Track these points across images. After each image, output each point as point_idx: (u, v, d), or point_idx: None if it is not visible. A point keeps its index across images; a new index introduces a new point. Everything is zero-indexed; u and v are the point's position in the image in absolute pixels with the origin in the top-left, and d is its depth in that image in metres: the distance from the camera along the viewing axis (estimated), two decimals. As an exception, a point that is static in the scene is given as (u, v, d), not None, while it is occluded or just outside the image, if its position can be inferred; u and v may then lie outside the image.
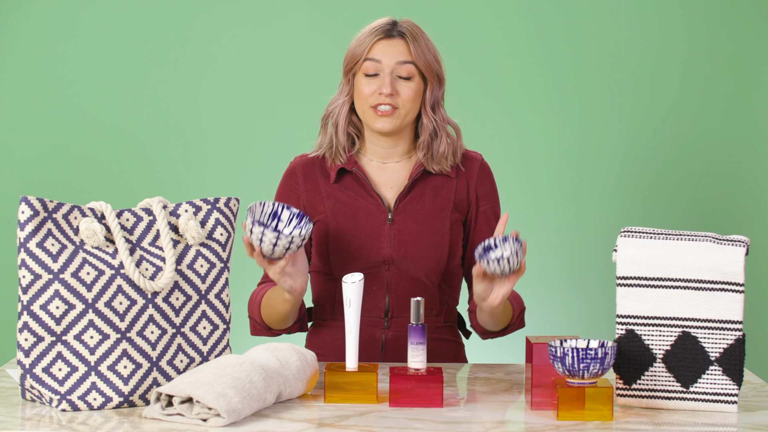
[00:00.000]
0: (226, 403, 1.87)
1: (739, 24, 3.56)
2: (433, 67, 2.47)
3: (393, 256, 2.46)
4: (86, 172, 3.62)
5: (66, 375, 1.96)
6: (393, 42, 2.45)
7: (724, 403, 2.00)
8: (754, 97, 3.57)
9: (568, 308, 3.61)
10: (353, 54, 2.46)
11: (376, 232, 2.47)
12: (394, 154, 2.52)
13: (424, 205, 2.48)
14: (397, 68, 2.44)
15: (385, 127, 2.44)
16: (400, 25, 2.47)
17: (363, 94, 2.44)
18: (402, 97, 2.44)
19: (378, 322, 2.48)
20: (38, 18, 3.61)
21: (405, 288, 2.47)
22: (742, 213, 3.58)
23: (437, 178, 2.51)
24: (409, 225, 2.47)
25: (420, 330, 2.07)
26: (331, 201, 2.49)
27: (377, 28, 2.46)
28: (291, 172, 2.53)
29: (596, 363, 1.91)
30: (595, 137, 3.60)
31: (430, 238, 2.47)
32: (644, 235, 2.03)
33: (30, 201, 1.96)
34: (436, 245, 2.47)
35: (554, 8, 3.59)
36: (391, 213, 2.48)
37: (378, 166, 2.52)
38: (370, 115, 2.44)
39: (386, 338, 2.48)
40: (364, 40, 2.45)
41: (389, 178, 2.51)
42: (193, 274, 2.07)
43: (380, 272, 2.47)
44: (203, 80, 3.63)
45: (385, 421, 1.92)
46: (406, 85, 2.44)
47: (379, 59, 2.43)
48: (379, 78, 2.43)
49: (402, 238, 2.46)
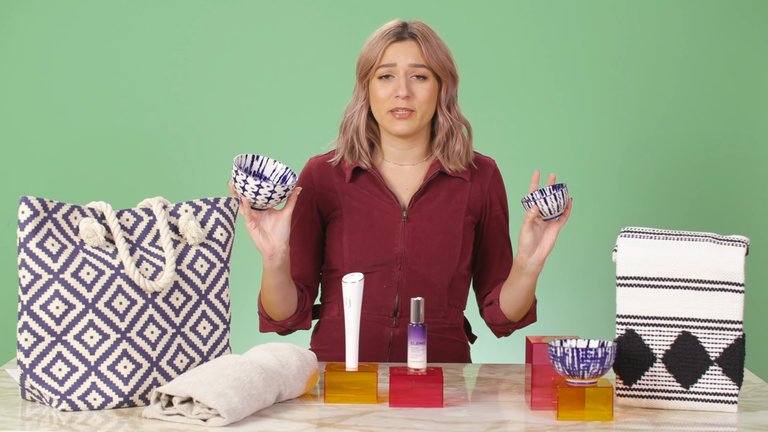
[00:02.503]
0: (226, 403, 1.87)
1: (739, 24, 3.56)
2: (447, 66, 2.49)
3: (407, 253, 2.48)
4: (86, 172, 3.62)
5: (66, 375, 1.96)
6: (405, 44, 2.46)
7: (724, 403, 2.00)
8: (754, 97, 3.57)
9: (568, 308, 3.61)
10: (366, 59, 2.48)
11: (391, 230, 2.49)
12: (410, 157, 2.54)
13: (438, 205, 2.51)
14: (411, 70, 2.46)
15: (403, 129, 2.46)
16: (411, 27, 2.48)
17: (379, 98, 2.46)
18: (418, 99, 2.45)
19: (387, 320, 2.49)
20: (38, 18, 3.61)
21: (415, 288, 2.48)
22: (742, 213, 3.58)
23: (452, 180, 2.53)
24: (423, 223, 2.49)
25: (420, 330, 2.07)
26: (346, 198, 2.51)
27: (388, 31, 2.48)
28: (307, 174, 2.56)
29: (596, 363, 1.91)
30: (595, 137, 3.60)
31: (443, 237, 2.49)
32: (644, 235, 2.03)
33: (30, 201, 1.96)
34: (449, 244, 2.49)
35: (554, 9, 3.59)
36: (406, 211, 2.50)
37: (394, 168, 2.54)
38: (388, 119, 2.47)
39: (394, 335, 2.49)
40: (376, 44, 2.47)
41: (405, 180, 2.53)
42: (193, 274, 2.07)
43: (392, 271, 2.48)
44: (203, 80, 3.63)
45: (385, 421, 1.92)
46: (421, 86, 2.46)
47: (392, 63, 2.45)
48: (394, 81, 2.45)
49: (416, 236, 2.48)
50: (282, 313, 2.47)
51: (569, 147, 3.61)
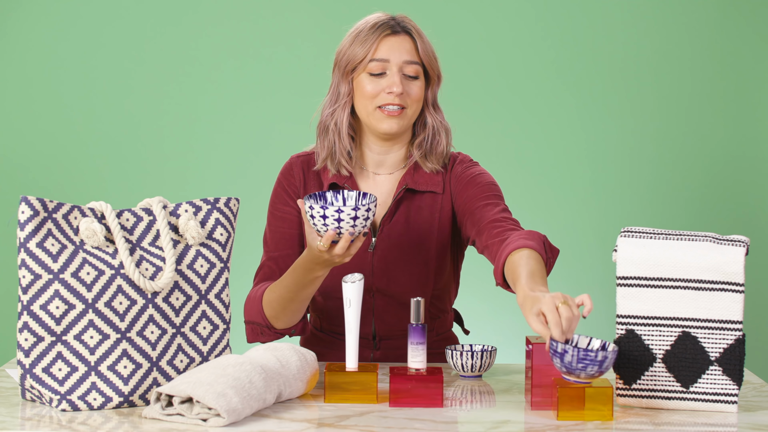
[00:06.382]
0: (226, 403, 1.87)
1: (738, 24, 3.56)
2: (435, 65, 2.39)
3: (377, 284, 2.40)
4: (86, 172, 3.62)
5: (66, 375, 1.96)
6: (399, 39, 2.35)
7: (724, 403, 2.00)
8: (754, 97, 3.57)
9: (568, 308, 3.61)
10: (354, 54, 2.35)
11: (359, 261, 2.39)
12: (388, 164, 2.42)
13: (409, 227, 2.40)
14: (404, 67, 2.34)
15: (392, 128, 2.35)
16: (403, 21, 2.37)
17: (367, 94, 2.34)
18: (411, 97, 2.34)
19: (366, 343, 2.44)
20: (38, 18, 3.61)
21: (392, 312, 2.41)
22: (742, 213, 3.58)
23: (424, 197, 2.41)
24: (393, 252, 2.39)
25: (420, 330, 2.06)
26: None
27: (379, 24, 2.36)
28: (288, 171, 2.45)
29: (595, 365, 1.90)
30: (595, 137, 3.60)
31: (414, 260, 2.40)
32: (644, 235, 2.03)
33: (30, 201, 1.96)
34: (420, 273, 2.40)
35: (555, 9, 3.59)
36: (375, 238, 2.39)
37: (369, 178, 2.43)
38: (376, 116, 2.35)
39: (374, 357, 2.45)
40: (366, 38, 2.34)
41: (379, 194, 2.41)
42: (193, 274, 2.07)
43: (366, 299, 2.40)
44: (204, 81, 3.63)
45: (385, 421, 1.92)
46: (414, 84, 2.35)
47: (387, 58, 2.33)
48: (387, 77, 2.33)
49: (384, 267, 2.39)
50: (291, 321, 2.35)
51: (569, 147, 3.61)
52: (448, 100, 2.55)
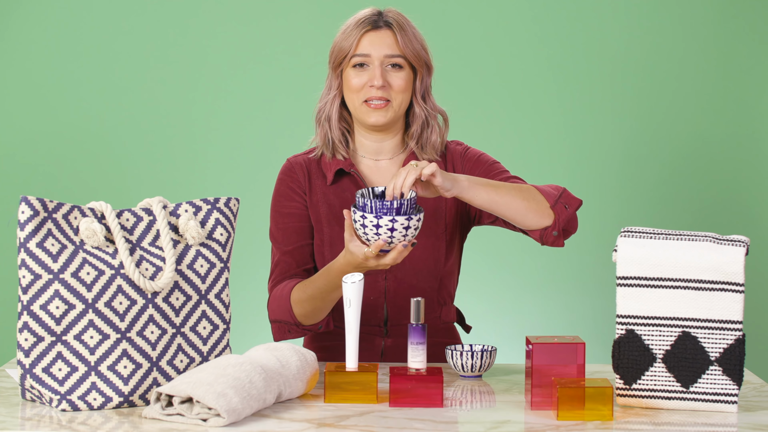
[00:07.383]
0: (226, 403, 1.87)
1: (738, 24, 3.56)
2: (422, 56, 2.43)
3: None
4: (86, 172, 3.62)
5: (66, 375, 1.96)
6: (380, 33, 2.41)
7: (724, 403, 2.00)
8: (753, 97, 3.57)
9: (568, 308, 3.61)
10: (340, 48, 2.43)
11: None
12: (386, 150, 2.49)
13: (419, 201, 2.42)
14: (386, 60, 2.40)
15: (379, 120, 2.41)
16: (386, 15, 2.43)
17: (353, 88, 2.41)
18: (394, 89, 2.40)
19: (377, 331, 2.46)
20: (39, 18, 3.61)
21: (403, 295, 2.44)
22: (743, 213, 3.58)
23: None
24: None
25: (420, 330, 2.06)
26: (326, 206, 2.46)
27: (363, 19, 2.43)
28: (289, 169, 2.50)
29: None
30: (595, 137, 3.60)
31: (426, 241, 2.45)
32: (644, 235, 2.03)
33: (30, 201, 1.96)
34: (433, 247, 2.45)
35: (554, 8, 3.59)
36: None
37: (372, 165, 2.49)
38: (362, 110, 2.42)
39: (386, 345, 2.47)
40: (350, 33, 2.42)
41: (383, 179, 2.48)
42: (193, 274, 2.07)
43: (377, 281, 2.44)
44: (204, 80, 3.63)
45: (385, 421, 1.92)
46: (396, 76, 2.41)
47: (367, 53, 2.40)
48: (369, 70, 2.40)
49: None
50: (319, 318, 2.38)
51: (569, 147, 3.61)
52: (448, 100, 2.55)
